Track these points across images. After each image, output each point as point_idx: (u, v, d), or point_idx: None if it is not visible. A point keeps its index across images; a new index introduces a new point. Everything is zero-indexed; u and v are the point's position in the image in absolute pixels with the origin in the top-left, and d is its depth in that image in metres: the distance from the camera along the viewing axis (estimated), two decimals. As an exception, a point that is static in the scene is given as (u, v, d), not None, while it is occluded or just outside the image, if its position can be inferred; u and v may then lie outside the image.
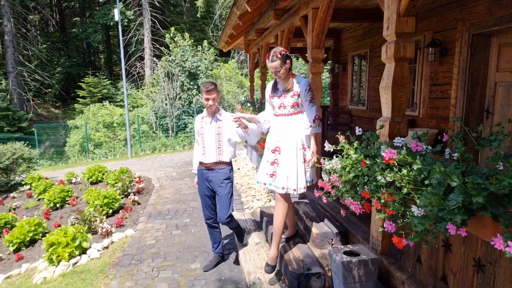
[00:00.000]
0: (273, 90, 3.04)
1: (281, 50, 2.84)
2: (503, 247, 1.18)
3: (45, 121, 25.98)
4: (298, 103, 2.94)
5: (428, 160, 1.61)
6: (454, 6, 4.38)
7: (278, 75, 2.87)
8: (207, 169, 3.46)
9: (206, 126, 3.45)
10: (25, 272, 4.51)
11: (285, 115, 2.98)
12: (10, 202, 7.90)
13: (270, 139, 3.05)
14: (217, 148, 3.42)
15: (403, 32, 2.48)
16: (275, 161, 2.97)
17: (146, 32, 24.37)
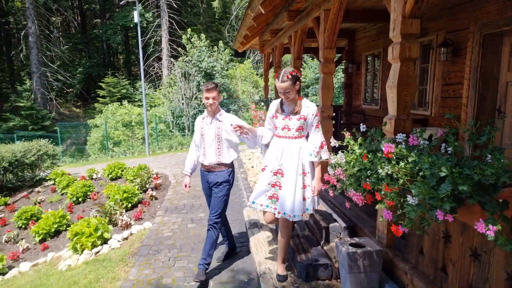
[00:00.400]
0: (277, 110, 2.94)
1: (292, 70, 2.78)
2: (484, 230, 1.30)
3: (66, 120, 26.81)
4: (303, 127, 2.86)
5: (424, 153, 1.73)
6: (467, 6, 4.43)
7: (287, 96, 2.77)
8: (207, 171, 3.44)
9: (206, 126, 3.40)
10: (51, 260, 4.80)
11: (289, 137, 2.89)
12: (35, 196, 8.30)
13: (271, 161, 2.94)
14: (217, 149, 3.38)
15: (408, 34, 2.58)
16: (276, 184, 2.91)
17: (164, 33, 24.85)
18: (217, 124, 3.37)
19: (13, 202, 8.02)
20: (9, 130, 22.10)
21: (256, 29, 7.61)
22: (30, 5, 24.31)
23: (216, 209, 3.42)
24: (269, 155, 2.99)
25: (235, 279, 3.45)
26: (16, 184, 8.89)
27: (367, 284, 2.66)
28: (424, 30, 5.35)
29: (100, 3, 35.86)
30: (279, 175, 2.91)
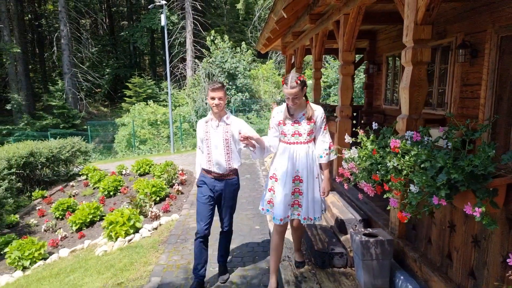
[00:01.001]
0: (285, 116, 2.86)
1: (300, 75, 2.74)
2: (471, 212, 1.51)
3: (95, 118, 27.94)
4: (313, 131, 2.87)
5: (427, 148, 1.95)
6: (485, 9, 4.52)
7: (295, 101, 2.71)
8: (216, 179, 3.23)
9: (212, 130, 3.18)
10: (88, 247, 5.23)
11: (301, 143, 2.84)
12: (69, 190, 8.88)
13: (285, 168, 2.85)
14: (226, 154, 3.18)
15: (420, 39, 2.78)
16: (296, 190, 2.88)
17: (188, 34, 25.47)
18: (224, 127, 3.17)
19: (49, 195, 8.62)
20: (42, 128, 23.29)
21: (279, 31, 7.86)
22: (63, 9, 25.49)
23: (229, 218, 3.38)
24: (281, 162, 2.88)
25: (256, 267, 3.73)
26: (52, 178, 9.52)
27: (378, 271, 2.87)
28: (443, 32, 5.45)
29: (127, 6, 37.11)
30: (298, 181, 2.87)
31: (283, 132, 2.87)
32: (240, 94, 18.79)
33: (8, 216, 6.95)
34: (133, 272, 3.77)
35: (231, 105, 18.68)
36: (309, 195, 2.87)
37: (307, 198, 2.87)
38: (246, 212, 5.50)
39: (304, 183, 2.86)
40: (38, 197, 8.46)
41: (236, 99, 18.57)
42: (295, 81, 2.67)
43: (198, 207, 3.27)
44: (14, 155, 8.21)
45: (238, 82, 18.73)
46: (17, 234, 6.35)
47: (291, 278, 3.17)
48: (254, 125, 17.57)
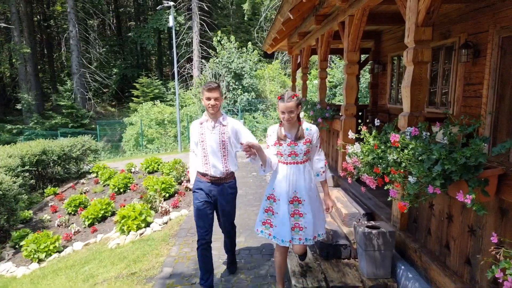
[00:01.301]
0: (279, 137, 2.79)
1: (296, 94, 2.73)
2: (463, 199, 1.65)
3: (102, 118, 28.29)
4: (309, 150, 2.81)
5: (425, 142, 2.09)
6: (487, 10, 4.63)
7: (290, 117, 2.64)
8: (212, 183, 3.08)
9: (208, 132, 3.03)
10: (100, 240, 5.43)
11: (298, 163, 2.77)
12: (80, 187, 9.11)
13: (283, 189, 2.78)
14: (223, 157, 3.06)
15: (420, 40, 2.92)
16: (295, 212, 2.79)
17: (195, 35, 25.69)
18: (221, 129, 3.04)
19: (61, 192, 8.86)
20: (51, 127, 23.67)
21: (285, 32, 8.00)
22: (71, 10, 25.86)
23: (229, 225, 3.33)
24: (278, 183, 2.81)
25: (263, 259, 3.89)
26: (63, 176, 9.76)
27: (380, 261, 3.01)
28: (447, 32, 5.56)
29: (134, 6, 37.49)
30: (296, 203, 2.78)
31: (280, 152, 2.79)
32: (246, 94, 18.95)
33: (22, 212, 7.17)
34: (145, 263, 3.94)
35: (237, 105, 18.85)
36: (310, 216, 2.77)
37: (309, 219, 2.76)
38: (252, 208, 5.65)
39: (304, 204, 2.77)
40: (50, 194, 8.69)
41: (242, 98, 18.74)
42: (292, 96, 2.65)
43: (195, 214, 3.10)
44: (27, 153, 8.45)
45: (245, 82, 18.90)
46: (31, 229, 6.57)
47: (297, 268, 3.32)
48: (260, 124, 17.72)
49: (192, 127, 3.16)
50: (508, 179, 1.85)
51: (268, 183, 2.94)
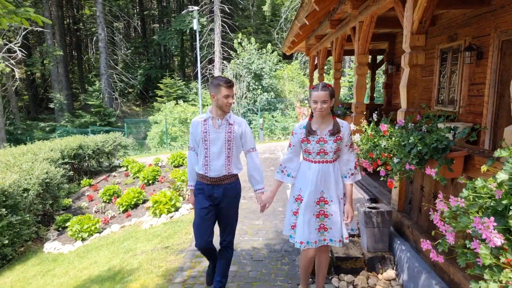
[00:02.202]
0: (308, 133, 2.60)
1: (331, 84, 2.61)
2: (429, 172, 2.13)
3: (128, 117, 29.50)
4: (339, 148, 2.62)
5: (410, 131, 2.57)
6: (488, 15, 4.99)
7: (323, 107, 2.47)
8: (213, 184, 2.80)
9: (212, 130, 2.77)
10: (134, 223, 6.10)
11: (327, 162, 2.60)
12: (112, 179, 9.90)
13: (309, 189, 2.62)
14: (227, 157, 2.80)
15: (415, 46, 3.37)
16: (320, 213, 2.65)
17: (217, 36, 26.45)
18: (227, 127, 2.79)
19: (95, 183, 9.66)
20: (80, 125, 24.99)
21: (302, 35, 8.50)
22: (101, 14, 27.14)
23: (231, 229, 2.97)
24: (306, 182, 2.66)
25: (278, 237, 4.42)
26: (97, 169, 10.60)
27: (379, 237, 3.49)
28: (454, 36, 5.92)
29: (159, 9, 38.75)
30: (323, 203, 2.64)
31: (307, 150, 2.62)
32: (266, 93, 19.50)
33: (63, 200, 7.98)
34: (176, 239, 4.55)
35: (257, 104, 19.42)
36: (336, 218, 2.64)
37: (335, 220, 2.64)
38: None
39: (331, 205, 2.63)
40: (86, 185, 9.51)
41: (262, 98, 19.30)
42: (327, 85, 2.52)
43: (195, 220, 2.85)
44: (66, 147, 9.29)
45: (264, 82, 19.45)
46: (72, 215, 7.35)
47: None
48: (279, 122, 18.23)
49: (194, 125, 2.86)
50: (472, 159, 2.31)
51: (294, 183, 2.75)
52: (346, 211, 2.70)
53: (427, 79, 6.92)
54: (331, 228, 2.66)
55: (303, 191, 2.67)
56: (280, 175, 2.78)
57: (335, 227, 2.66)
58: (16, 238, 5.91)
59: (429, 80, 6.79)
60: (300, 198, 2.69)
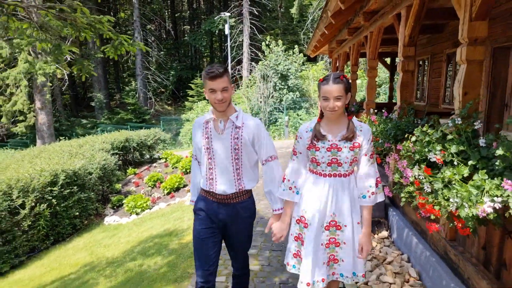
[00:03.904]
0: (316, 137, 2.05)
1: (345, 75, 2.01)
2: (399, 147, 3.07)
3: (161, 115, 31.30)
4: (356, 159, 2.07)
5: (393, 121, 3.52)
6: (484, 25, 5.76)
7: (336, 105, 1.93)
8: (220, 203, 2.26)
9: (215, 135, 2.22)
10: (178, 202, 7.28)
11: (340, 175, 2.06)
12: (153, 169, 11.20)
13: (317, 209, 2.09)
14: (236, 170, 2.23)
15: (407, 55, 4.27)
16: (331, 241, 2.11)
17: (245, 38, 27.63)
18: (233, 132, 2.20)
19: (139, 172, 11.00)
20: (117, 122, 26.90)
21: (324, 41, 9.42)
22: (137, 18, 29.00)
23: (244, 257, 2.43)
24: (312, 201, 2.11)
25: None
26: (140, 160, 11.96)
27: (376, 207, 4.42)
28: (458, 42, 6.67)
29: (189, 11, 40.49)
30: (334, 229, 2.10)
31: (315, 159, 2.07)
32: (291, 93, 20.44)
33: (115, 184, 9.32)
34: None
35: (283, 103, 20.40)
36: (350, 246, 2.10)
37: (348, 250, 2.10)
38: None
39: (345, 231, 2.09)
40: (131, 174, 10.86)
41: (287, 97, 20.26)
42: (340, 76, 1.95)
43: (194, 246, 2.30)
44: (115, 140, 10.67)
45: (290, 83, 20.40)
46: (123, 196, 8.66)
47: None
48: (303, 120, 19.12)
49: (195, 127, 2.32)
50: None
51: (299, 200, 2.19)
52: (361, 242, 2.07)
53: (435, 80, 7.68)
54: (343, 261, 2.09)
55: (307, 213, 2.10)
56: (288, 194, 2.16)
57: (348, 260, 2.09)
58: (83, 212, 7.23)
59: (437, 81, 7.56)
60: (304, 221, 2.12)
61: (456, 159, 1.92)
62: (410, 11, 4.08)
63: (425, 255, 3.21)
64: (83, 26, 2.87)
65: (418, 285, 3.14)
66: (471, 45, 2.70)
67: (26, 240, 5.96)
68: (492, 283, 2.28)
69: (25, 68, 16.66)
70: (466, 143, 1.91)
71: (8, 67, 18.58)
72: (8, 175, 6.28)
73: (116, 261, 4.43)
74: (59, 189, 6.47)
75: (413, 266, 3.45)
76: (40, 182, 6.15)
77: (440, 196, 1.85)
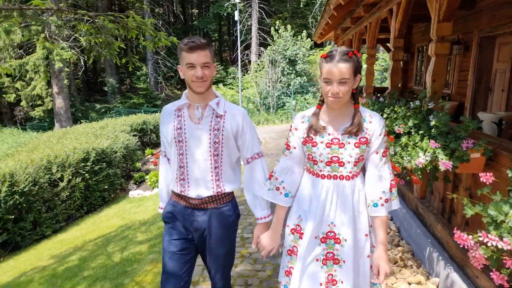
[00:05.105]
0: (312, 128, 1.67)
1: (355, 51, 1.56)
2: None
3: (171, 99, 32.04)
4: (363, 157, 1.66)
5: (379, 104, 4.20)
6: (472, 16, 6.31)
7: (340, 90, 1.52)
8: (194, 208, 1.86)
9: (191, 126, 1.80)
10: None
11: (342, 177, 1.66)
12: (169, 149, 12.03)
13: (312, 218, 1.70)
14: (214, 168, 1.81)
15: (397, 46, 4.90)
16: (328, 256, 1.70)
17: (254, 22, 27.97)
18: (214, 121, 1.80)
19: (156, 152, 11.85)
20: (130, 106, 27.76)
21: (329, 29, 9.98)
22: (147, 3, 29.45)
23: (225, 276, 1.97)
24: (306, 207, 1.75)
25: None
26: (157, 141, 12.79)
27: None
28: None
29: (198, -6, 40.68)
30: (332, 241, 1.70)
31: (312, 157, 1.69)
32: (299, 78, 20.98)
33: (136, 162, 10.18)
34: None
35: (290, 88, 20.98)
36: (351, 265, 1.68)
37: (348, 270, 1.69)
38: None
39: (345, 246, 1.69)
40: (148, 154, 11.71)
41: (295, 82, 20.82)
42: (349, 53, 1.53)
43: (163, 260, 1.89)
44: (133, 123, 11.49)
45: (298, 67, 20.91)
46: (144, 173, 9.51)
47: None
48: (311, 104, 19.73)
49: (163, 116, 1.91)
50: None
51: (292, 206, 1.84)
52: (376, 263, 1.66)
53: (432, 66, 8.23)
54: (342, 283, 1.70)
55: (304, 221, 1.75)
56: (273, 194, 1.79)
57: (347, 283, 1.69)
58: (111, 186, 8.10)
59: (433, 67, 8.13)
60: (300, 230, 1.76)
61: (413, 130, 2.62)
62: (399, 7, 4.70)
63: (403, 212, 3.95)
64: (132, 27, 3.59)
65: (396, 236, 3.89)
66: (438, 42, 3.33)
67: (65, 209, 6.84)
68: (445, 225, 3.02)
69: (43, 54, 17.45)
70: (420, 118, 2.61)
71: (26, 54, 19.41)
72: (45, 153, 7.13)
73: (148, 222, 5.25)
74: (91, 165, 7.31)
75: (394, 222, 4.20)
76: (74, 158, 7.00)
77: (399, 156, 2.56)
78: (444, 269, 2.80)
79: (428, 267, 3.12)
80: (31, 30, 15.82)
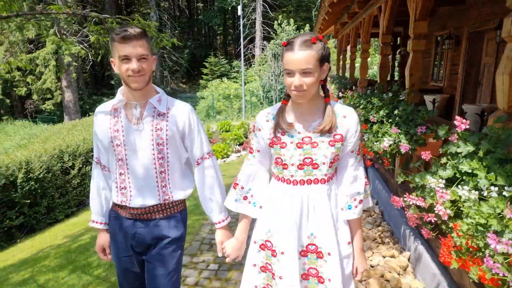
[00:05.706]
0: (278, 126, 1.47)
1: (320, 36, 1.37)
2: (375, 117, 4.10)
3: (176, 93, 32.48)
4: (338, 157, 1.49)
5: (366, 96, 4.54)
6: (463, 12, 6.57)
7: (304, 82, 1.34)
8: (136, 219, 1.66)
9: (128, 127, 1.61)
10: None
11: (317, 181, 1.46)
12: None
13: (287, 232, 1.48)
14: (159, 174, 1.62)
15: (385, 42, 5.21)
16: (310, 273, 1.51)
17: (258, 16, 28.15)
18: (156, 120, 1.61)
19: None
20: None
21: (327, 24, 10.26)
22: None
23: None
24: (276, 219, 1.52)
25: None
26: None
27: (359, 165, 5.48)
28: (444, 25, 7.49)
29: (203, -11, 40.84)
30: (314, 256, 1.49)
31: (281, 160, 1.48)
32: (302, 71, 21.25)
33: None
34: (231, 171, 6.83)
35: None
36: (338, 283, 1.47)
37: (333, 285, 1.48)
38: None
39: (328, 261, 1.48)
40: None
41: (298, 75, 21.10)
42: (310, 38, 1.33)
43: (118, 277, 1.80)
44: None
45: (301, 61, 21.16)
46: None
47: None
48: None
49: (97, 118, 1.68)
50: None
51: (260, 218, 1.60)
52: (356, 264, 1.58)
53: (426, 60, 8.51)
54: None
55: (274, 235, 1.52)
56: (244, 206, 1.60)
57: None
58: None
59: (428, 61, 8.40)
60: (271, 247, 1.53)
61: (385, 119, 2.97)
62: (387, 6, 5.00)
63: (385, 197, 4.30)
64: (137, 28, 3.96)
65: (379, 218, 4.25)
66: (415, 39, 3.65)
67: (76, 195, 7.30)
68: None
69: (53, 49, 17.92)
70: (390, 108, 2.95)
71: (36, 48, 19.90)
72: (57, 143, 7.57)
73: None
74: (99, 154, 7.74)
75: (379, 206, 4.56)
76: (84, 148, 7.43)
77: (370, 141, 2.91)
78: (413, 243, 3.17)
79: (403, 243, 3.49)
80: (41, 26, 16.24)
